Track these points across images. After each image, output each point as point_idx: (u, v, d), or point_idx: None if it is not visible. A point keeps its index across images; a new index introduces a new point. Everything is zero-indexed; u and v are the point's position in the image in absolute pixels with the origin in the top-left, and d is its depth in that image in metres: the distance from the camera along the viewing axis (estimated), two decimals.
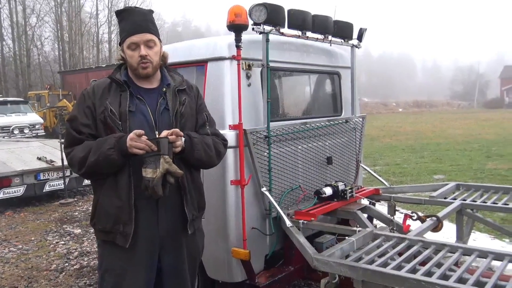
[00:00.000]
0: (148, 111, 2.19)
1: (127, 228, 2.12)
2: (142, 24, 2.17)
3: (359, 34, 3.94)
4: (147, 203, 2.15)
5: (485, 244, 4.91)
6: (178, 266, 2.29)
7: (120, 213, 2.12)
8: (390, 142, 16.32)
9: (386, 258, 2.42)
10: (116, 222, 2.13)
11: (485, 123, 25.10)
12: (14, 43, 30.46)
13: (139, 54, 2.14)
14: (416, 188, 4.38)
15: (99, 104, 2.16)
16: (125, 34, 2.17)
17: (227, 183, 3.00)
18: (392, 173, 9.77)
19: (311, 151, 3.60)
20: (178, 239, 2.27)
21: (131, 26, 2.16)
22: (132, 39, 2.14)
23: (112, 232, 2.15)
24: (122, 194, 2.12)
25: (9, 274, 4.69)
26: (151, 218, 2.18)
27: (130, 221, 2.11)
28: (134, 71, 2.20)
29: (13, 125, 15.81)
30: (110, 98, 2.16)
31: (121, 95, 2.17)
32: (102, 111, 2.14)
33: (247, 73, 3.13)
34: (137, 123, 2.14)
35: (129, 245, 2.12)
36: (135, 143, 2.01)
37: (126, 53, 2.18)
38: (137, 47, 2.15)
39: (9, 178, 7.06)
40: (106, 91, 2.18)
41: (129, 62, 2.19)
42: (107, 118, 2.13)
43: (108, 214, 2.14)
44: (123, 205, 2.12)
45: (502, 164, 10.39)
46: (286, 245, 3.27)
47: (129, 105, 2.15)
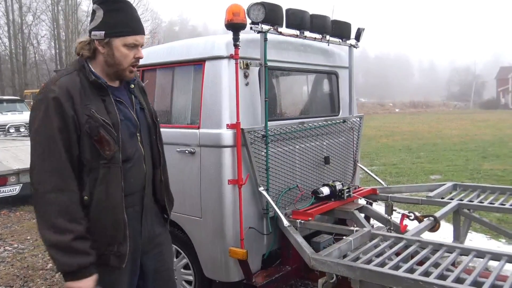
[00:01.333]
0: (131, 113, 2.00)
1: (122, 248, 1.90)
2: (141, 23, 1.97)
3: (357, 34, 3.94)
4: (133, 211, 1.99)
5: (482, 244, 4.92)
6: (161, 268, 2.20)
7: (116, 233, 1.89)
8: (386, 142, 16.35)
9: (384, 258, 2.43)
10: (110, 243, 1.89)
11: (481, 123, 25.19)
12: (10, 42, 30.29)
13: (136, 56, 1.92)
14: (413, 188, 4.39)
15: (81, 111, 1.81)
16: (128, 30, 1.89)
17: (224, 183, 2.99)
18: (389, 173, 9.79)
19: (309, 150, 3.60)
20: (157, 240, 2.17)
21: (137, 24, 1.93)
22: (137, 38, 1.91)
23: (104, 254, 1.88)
24: (117, 212, 1.88)
25: (4, 273, 4.66)
26: (136, 228, 2.02)
27: (125, 240, 1.90)
28: (118, 71, 1.93)
29: (9, 123, 15.70)
30: (92, 104, 1.84)
31: (105, 100, 1.89)
32: (87, 121, 1.81)
33: (245, 72, 3.13)
34: (125, 130, 1.94)
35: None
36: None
37: (120, 51, 1.89)
38: (133, 48, 1.92)
39: (5, 177, 7.02)
40: (83, 95, 1.83)
41: (118, 61, 1.90)
42: (98, 130, 1.82)
43: (102, 237, 1.87)
44: (119, 224, 1.89)
45: (498, 165, 10.42)
46: (283, 244, 3.27)
47: (118, 112, 1.91)
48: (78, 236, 1.76)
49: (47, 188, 1.75)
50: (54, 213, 1.75)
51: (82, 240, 1.78)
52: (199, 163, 3.12)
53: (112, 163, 1.86)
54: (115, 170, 1.87)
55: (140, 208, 2.05)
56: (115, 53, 1.89)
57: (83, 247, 1.78)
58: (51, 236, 1.75)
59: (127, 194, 1.93)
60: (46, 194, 1.75)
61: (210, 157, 3.06)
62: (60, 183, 1.76)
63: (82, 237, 1.78)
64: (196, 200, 3.14)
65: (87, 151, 1.83)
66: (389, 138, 17.91)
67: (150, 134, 2.11)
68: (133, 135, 1.99)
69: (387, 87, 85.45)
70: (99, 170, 1.84)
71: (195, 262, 3.27)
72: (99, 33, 1.89)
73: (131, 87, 2.06)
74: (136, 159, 2.00)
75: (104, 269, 1.89)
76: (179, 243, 3.32)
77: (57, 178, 1.76)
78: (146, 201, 2.07)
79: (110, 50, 1.89)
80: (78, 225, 1.78)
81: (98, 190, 1.85)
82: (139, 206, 2.04)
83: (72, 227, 1.75)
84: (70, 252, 1.75)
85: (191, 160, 3.15)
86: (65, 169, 1.78)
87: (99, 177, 1.84)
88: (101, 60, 1.93)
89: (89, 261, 1.79)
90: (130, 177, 1.96)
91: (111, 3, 1.90)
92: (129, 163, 1.96)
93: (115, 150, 1.86)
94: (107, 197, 1.86)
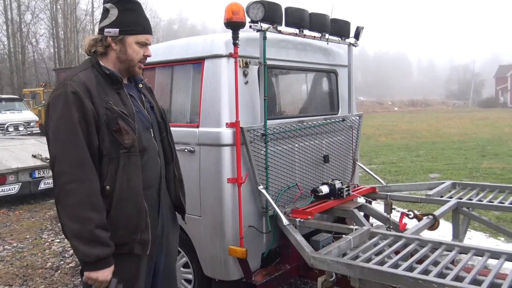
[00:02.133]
0: (143, 109, 2.12)
1: (145, 235, 1.98)
2: (150, 24, 2.12)
3: (356, 32, 3.93)
4: (151, 205, 2.07)
5: (481, 242, 4.93)
6: (168, 264, 2.27)
7: (140, 220, 1.96)
8: (386, 141, 16.36)
9: (383, 256, 2.43)
10: (134, 231, 1.96)
11: (480, 122, 25.21)
12: (8, 40, 30.24)
13: (145, 54, 2.05)
14: (412, 187, 4.39)
15: (99, 104, 1.90)
16: (140, 29, 2.02)
17: (223, 181, 2.99)
18: (388, 172, 9.80)
19: (308, 149, 3.60)
20: (169, 236, 2.25)
21: (147, 24, 2.06)
22: (148, 37, 2.05)
23: (128, 243, 1.96)
24: (139, 200, 1.96)
25: (4, 272, 4.66)
26: (155, 220, 2.11)
27: (147, 227, 1.99)
28: (129, 67, 2.05)
29: (8, 122, 15.69)
30: (109, 97, 1.94)
31: (120, 93, 2.00)
32: (105, 113, 1.90)
33: (244, 71, 3.12)
34: (139, 123, 2.03)
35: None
36: (101, 279, 1.84)
37: (132, 47, 2.01)
38: (144, 46, 2.05)
39: (4, 175, 7.02)
40: (100, 89, 1.94)
41: (130, 57, 2.02)
42: (117, 120, 1.90)
43: (127, 225, 1.94)
44: (141, 211, 1.97)
45: (497, 163, 10.44)
46: (283, 243, 3.27)
47: (132, 105, 2.02)
48: (99, 225, 1.82)
49: (68, 179, 1.81)
50: (75, 203, 1.80)
51: (102, 230, 1.83)
52: (199, 162, 3.12)
53: (131, 152, 1.94)
54: (135, 160, 1.95)
55: (157, 201, 2.13)
56: (128, 49, 2.01)
57: (104, 236, 1.83)
58: (72, 226, 1.81)
59: (145, 188, 2.00)
60: (67, 185, 1.81)
61: (209, 156, 3.06)
62: (80, 174, 1.81)
63: (103, 226, 1.84)
64: (195, 199, 3.14)
65: (106, 141, 1.90)
66: (388, 137, 17.92)
67: (161, 131, 2.21)
68: (147, 129, 2.08)
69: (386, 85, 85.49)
70: (119, 160, 1.92)
71: (194, 261, 3.27)
72: (113, 30, 1.99)
73: (140, 87, 2.17)
74: (152, 152, 2.09)
75: (127, 258, 1.96)
76: (178, 242, 3.32)
77: (77, 168, 1.81)
78: (163, 195, 2.16)
79: (123, 47, 2.00)
80: (99, 214, 1.83)
81: (120, 180, 1.91)
82: (156, 199, 2.12)
83: (93, 215, 1.81)
84: (91, 241, 1.80)
85: (191, 159, 3.15)
86: (85, 160, 1.83)
87: (120, 166, 1.92)
88: (113, 56, 2.03)
89: (107, 252, 1.85)
90: (147, 171, 2.04)
91: (126, 3, 2.01)
92: (146, 155, 2.03)
93: (134, 138, 1.94)
94: (129, 186, 1.92)
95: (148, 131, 2.10)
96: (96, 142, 1.88)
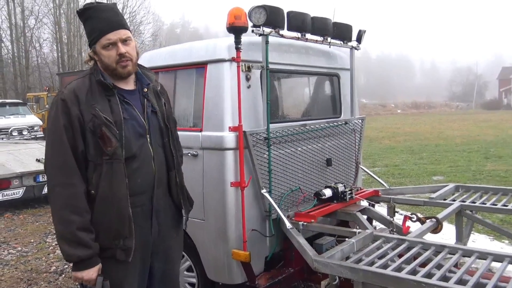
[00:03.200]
0: (138, 115, 2.08)
1: (128, 241, 1.99)
2: (114, 20, 2.02)
3: (358, 36, 3.95)
4: (141, 210, 2.07)
5: (484, 245, 4.92)
6: (167, 269, 2.27)
7: (121, 227, 1.98)
8: (389, 144, 16.34)
9: (386, 259, 2.43)
10: (115, 237, 1.98)
11: (483, 124, 25.14)
12: (12, 45, 30.40)
13: (118, 53, 1.99)
14: (415, 190, 4.39)
15: (86, 111, 1.93)
16: (97, 33, 1.99)
17: (227, 185, 3.00)
18: (391, 175, 9.78)
19: (311, 152, 3.61)
20: (168, 242, 2.24)
21: (104, 24, 1.98)
22: (108, 37, 1.98)
23: (111, 248, 1.99)
24: (122, 207, 1.97)
25: (8, 277, 4.68)
26: (145, 225, 2.10)
27: (131, 234, 1.99)
28: (112, 71, 2.03)
29: (12, 127, 15.75)
30: (98, 104, 1.96)
31: (110, 100, 2.00)
32: (91, 119, 1.93)
33: (247, 75, 3.14)
34: (130, 130, 2.02)
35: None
36: (86, 278, 1.92)
37: (101, 54, 2.01)
38: (113, 46, 1.99)
39: (8, 180, 7.04)
40: (90, 96, 1.96)
41: (106, 63, 2.02)
42: (101, 127, 1.93)
43: (108, 230, 1.97)
44: (123, 218, 1.97)
45: (500, 165, 10.40)
46: (286, 246, 3.27)
47: (122, 111, 2.01)
48: (80, 227, 1.89)
49: (55, 182, 1.93)
50: (60, 205, 1.91)
51: (84, 232, 1.90)
52: (202, 166, 3.13)
53: (114, 159, 1.96)
54: (118, 166, 1.97)
55: (149, 208, 2.11)
56: (101, 57, 2.03)
57: (85, 238, 1.90)
58: (58, 227, 1.92)
59: (134, 194, 2.02)
60: (55, 188, 1.92)
61: (212, 160, 3.07)
62: (64, 178, 1.91)
63: (85, 228, 1.91)
64: (198, 203, 3.14)
65: (91, 147, 1.95)
66: (391, 139, 17.89)
67: (163, 136, 2.19)
68: (140, 135, 2.07)
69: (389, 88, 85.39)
70: (102, 166, 1.96)
71: (198, 265, 3.28)
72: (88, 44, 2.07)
73: (145, 91, 2.15)
74: (144, 159, 2.07)
75: (112, 262, 2.01)
76: None
77: (62, 173, 1.91)
78: (157, 201, 2.14)
79: (98, 56, 2.04)
80: (80, 217, 1.90)
81: (102, 185, 1.96)
82: (148, 206, 2.11)
83: (74, 218, 1.89)
84: (73, 242, 1.88)
85: (194, 163, 3.16)
86: (69, 165, 1.91)
87: (103, 172, 1.95)
88: (100, 66, 2.07)
89: (89, 253, 1.91)
90: (137, 177, 2.04)
91: (82, 15, 2.05)
92: (135, 162, 2.03)
93: (116, 146, 1.96)
94: (111, 192, 1.96)
95: (142, 138, 2.07)
96: (81, 147, 1.94)
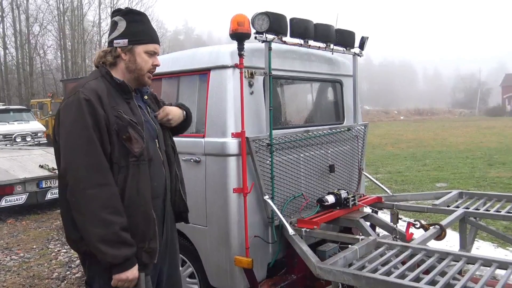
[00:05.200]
0: (151, 119, 2.16)
1: (153, 243, 1.99)
2: (157, 35, 2.16)
3: (361, 42, 3.95)
4: (157, 215, 2.08)
5: (489, 252, 4.89)
6: (173, 274, 2.29)
7: (147, 229, 1.98)
8: (392, 150, 16.31)
9: (390, 266, 2.41)
10: (141, 239, 1.97)
11: (486, 131, 25.07)
12: (17, 52, 30.59)
13: (154, 63, 2.10)
14: (418, 196, 4.37)
15: (110, 112, 1.92)
16: (148, 38, 2.07)
17: (229, 191, 3.00)
18: (394, 181, 9.75)
19: (314, 159, 3.60)
20: (173, 246, 2.27)
21: (154, 34, 2.12)
22: (156, 47, 2.09)
23: (136, 251, 1.95)
24: (147, 209, 1.98)
25: (11, 283, 4.67)
26: (160, 229, 2.12)
27: (155, 236, 2.00)
28: (138, 77, 2.07)
29: (16, 133, 15.82)
30: (119, 106, 1.97)
31: (129, 103, 2.04)
32: (115, 121, 1.92)
33: (250, 81, 3.14)
34: (147, 134, 2.05)
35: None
36: (131, 278, 1.90)
37: (141, 57, 2.05)
38: (153, 56, 2.10)
39: (12, 186, 7.07)
40: (111, 98, 1.97)
41: (140, 66, 2.05)
42: (127, 129, 1.93)
43: (135, 233, 1.94)
44: (149, 220, 1.98)
45: (504, 172, 10.36)
46: (289, 253, 3.26)
47: (141, 114, 2.06)
48: (122, 227, 1.86)
49: (86, 184, 1.82)
50: (98, 207, 1.82)
51: (125, 231, 1.88)
52: (204, 172, 3.13)
53: (140, 160, 1.96)
54: (144, 168, 1.97)
55: (162, 212, 2.15)
56: (137, 59, 2.04)
57: (127, 237, 1.88)
58: (98, 230, 1.82)
59: (152, 197, 2.02)
60: (87, 190, 1.82)
61: (215, 166, 3.07)
62: (100, 178, 1.84)
63: (125, 228, 1.88)
64: (201, 209, 3.14)
65: (116, 149, 1.92)
66: (394, 146, 17.86)
67: (166, 143, 2.24)
68: (152, 139, 2.11)
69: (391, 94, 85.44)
70: (128, 168, 1.94)
71: (200, 271, 3.27)
72: (122, 41, 2.04)
73: (145, 98, 2.19)
74: (157, 162, 2.11)
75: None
76: (184, 252, 3.33)
77: (96, 173, 1.84)
78: (167, 205, 2.18)
79: (132, 57, 2.04)
80: (121, 217, 1.88)
81: (129, 187, 1.93)
82: (161, 209, 2.14)
83: (116, 219, 1.85)
84: (117, 243, 1.84)
85: (197, 169, 3.16)
86: (102, 164, 1.86)
87: (129, 175, 1.93)
88: (122, 66, 2.06)
89: (133, 252, 1.90)
90: (153, 181, 2.05)
91: (133, 15, 2.08)
92: (152, 165, 2.05)
93: (143, 147, 1.97)
94: (138, 194, 1.94)
95: (154, 141, 2.12)
96: (108, 149, 1.90)
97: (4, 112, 16.81)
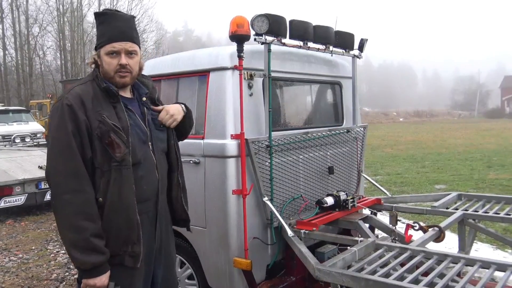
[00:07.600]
0: (141, 123, 2.10)
1: (136, 248, 1.99)
2: (126, 31, 2.04)
3: (360, 44, 3.96)
4: (147, 217, 2.08)
5: (487, 254, 4.89)
6: (168, 276, 2.28)
7: (130, 233, 1.97)
8: (391, 152, 16.31)
9: (388, 268, 2.42)
10: (124, 243, 1.98)
11: (486, 132, 25.10)
12: (16, 53, 30.61)
13: (119, 63, 2.01)
14: (417, 198, 4.37)
15: (93, 117, 1.92)
16: (105, 39, 2.01)
17: (228, 193, 3.00)
18: (393, 183, 9.76)
19: (313, 160, 3.60)
20: (167, 247, 2.26)
21: (114, 32, 2.01)
22: (114, 45, 2.00)
23: (119, 254, 1.98)
24: (130, 213, 1.97)
25: (9, 284, 4.66)
26: (150, 231, 2.11)
27: (139, 240, 1.99)
28: (109, 79, 2.03)
29: (15, 134, 15.81)
30: (104, 111, 1.96)
31: (116, 107, 2.00)
32: (98, 126, 1.92)
33: (249, 83, 3.15)
34: (135, 137, 2.03)
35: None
36: (99, 285, 1.90)
37: (104, 60, 2.02)
38: (117, 55, 2.01)
39: (11, 187, 7.06)
40: (96, 101, 1.96)
41: (105, 69, 2.02)
42: (109, 133, 1.92)
43: (117, 237, 1.96)
44: (132, 224, 1.97)
45: (503, 174, 10.37)
46: (288, 255, 3.26)
47: (127, 118, 2.01)
48: (93, 233, 1.87)
49: (63, 189, 1.87)
50: (71, 213, 1.86)
51: (97, 238, 1.88)
52: (204, 173, 3.13)
53: (123, 165, 1.95)
54: (127, 173, 1.97)
55: (154, 214, 2.13)
56: (103, 63, 2.04)
57: (98, 244, 1.89)
58: (69, 235, 1.87)
59: (140, 201, 2.02)
60: (63, 195, 1.87)
61: (214, 167, 3.08)
62: (75, 184, 1.87)
63: (98, 235, 1.89)
64: (200, 210, 3.14)
65: (98, 154, 1.93)
66: (394, 148, 17.87)
67: (168, 140, 2.23)
68: (143, 142, 2.08)
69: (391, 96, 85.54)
70: (111, 172, 1.94)
71: (199, 272, 3.27)
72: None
73: (143, 100, 2.17)
74: (148, 166, 2.08)
75: (120, 269, 1.99)
76: (183, 253, 3.33)
77: (72, 179, 1.87)
78: (160, 208, 2.16)
79: (101, 61, 2.04)
80: (93, 223, 1.88)
81: (111, 192, 1.94)
82: (153, 212, 2.13)
83: (88, 225, 1.86)
84: (87, 249, 1.86)
85: (196, 170, 3.16)
86: (79, 171, 1.89)
87: (112, 179, 1.94)
88: (101, 71, 2.07)
89: (102, 260, 1.89)
90: (143, 184, 2.05)
91: (98, 17, 2.07)
92: (141, 169, 2.04)
93: (125, 152, 1.95)
94: (120, 199, 1.95)
95: (145, 145, 2.08)
96: (89, 154, 1.92)
97: (3, 113, 16.80)
